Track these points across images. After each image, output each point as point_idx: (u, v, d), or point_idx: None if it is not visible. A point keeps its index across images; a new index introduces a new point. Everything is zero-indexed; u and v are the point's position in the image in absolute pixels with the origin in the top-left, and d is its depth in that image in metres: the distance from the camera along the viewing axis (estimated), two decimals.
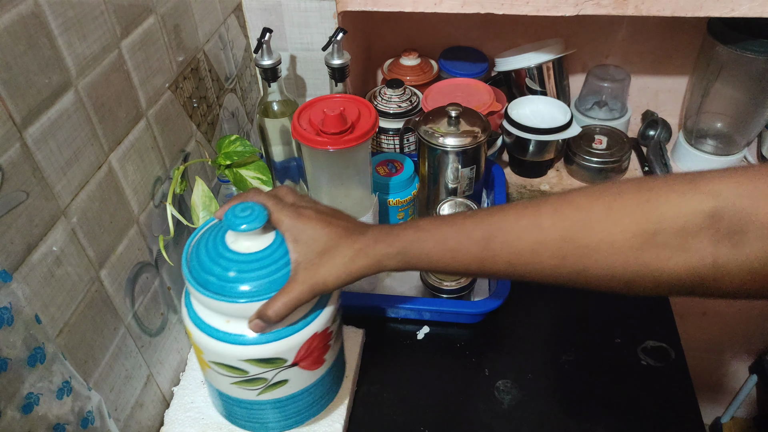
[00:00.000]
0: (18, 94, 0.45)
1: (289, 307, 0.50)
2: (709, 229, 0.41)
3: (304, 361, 0.55)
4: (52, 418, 0.49)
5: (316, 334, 0.54)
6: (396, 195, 0.82)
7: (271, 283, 0.51)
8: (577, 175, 1.05)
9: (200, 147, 0.76)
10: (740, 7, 0.77)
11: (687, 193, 0.42)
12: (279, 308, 0.50)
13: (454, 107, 0.82)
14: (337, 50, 0.81)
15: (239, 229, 0.50)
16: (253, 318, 0.51)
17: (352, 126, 0.66)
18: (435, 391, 0.73)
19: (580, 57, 1.13)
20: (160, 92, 0.66)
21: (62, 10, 0.49)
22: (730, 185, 0.41)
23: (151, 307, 0.66)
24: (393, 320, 0.82)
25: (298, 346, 0.53)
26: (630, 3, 0.79)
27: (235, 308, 0.51)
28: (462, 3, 0.82)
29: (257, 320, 0.51)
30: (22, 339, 0.46)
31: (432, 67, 1.11)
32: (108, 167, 0.57)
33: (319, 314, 0.55)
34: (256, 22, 0.90)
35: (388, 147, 1.00)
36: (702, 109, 1.01)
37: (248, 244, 0.52)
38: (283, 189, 0.57)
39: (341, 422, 0.67)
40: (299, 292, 0.50)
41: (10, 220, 0.45)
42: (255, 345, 0.52)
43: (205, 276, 0.52)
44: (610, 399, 0.72)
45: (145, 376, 0.66)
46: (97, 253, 0.56)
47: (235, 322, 0.52)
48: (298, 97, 0.98)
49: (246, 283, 0.51)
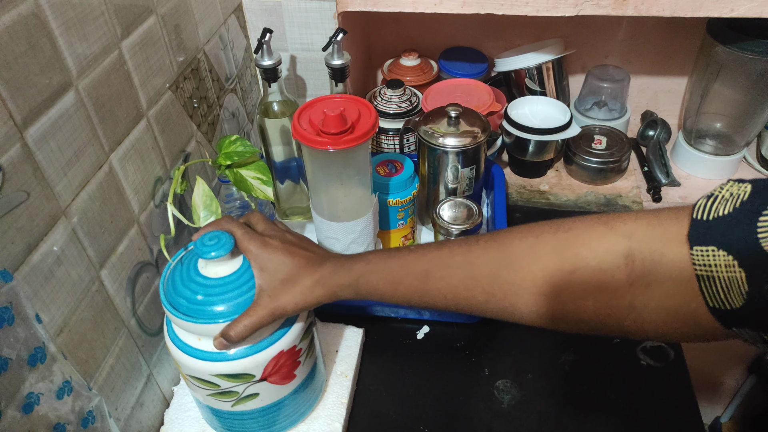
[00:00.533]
0: (18, 94, 0.45)
1: (249, 329, 0.53)
2: (624, 270, 0.43)
3: (272, 377, 0.59)
4: (53, 418, 0.49)
5: (282, 352, 0.58)
6: (396, 195, 0.82)
7: (236, 306, 0.54)
8: (576, 175, 1.05)
9: (201, 147, 0.76)
10: (740, 7, 0.77)
11: (603, 234, 0.45)
12: (240, 330, 0.53)
13: (453, 107, 0.82)
14: (337, 50, 0.81)
15: (206, 256, 0.54)
16: (217, 337, 0.54)
17: (352, 126, 0.66)
18: (435, 390, 0.73)
19: (580, 57, 1.13)
20: (161, 92, 0.66)
21: (63, 10, 0.49)
22: (642, 227, 0.43)
23: (151, 307, 0.66)
24: (393, 320, 0.82)
25: (265, 363, 0.57)
26: (629, 3, 0.79)
27: (203, 328, 0.55)
28: (462, 3, 0.82)
29: (221, 339, 0.54)
30: (23, 339, 0.46)
31: (432, 67, 1.11)
32: (108, 167, 0.57)
33: (286, 333, 0.58)
34: (257, 23, 0.90)
35: (388, 147, 1.00)
36: (701, 110, 1.02)
37: (216, 269, 0.56)
38: (255, 216, 0.61)
39: (341, 422, 0.67)
40: (260, 317, 0.54)
41: (11, 220, 0.45)
42: (224, 361, 0.56)
43: (177, 298, 0.55)
44: (610, 399, 0.72)
45: (146, 375, 0.66)
46: (97, 253, 0.56)
47: (206, 340, 0.56)
48: (299, 97, 0.98)
49: (213, 305, 0.55)
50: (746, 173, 1.05)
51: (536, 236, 0.48)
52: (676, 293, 0.41)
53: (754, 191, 0.38)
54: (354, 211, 0.75)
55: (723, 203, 0.39)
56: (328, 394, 0.70)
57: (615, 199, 1.01)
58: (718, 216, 0.39)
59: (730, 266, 0.37)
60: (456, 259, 0.51)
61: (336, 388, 0.71)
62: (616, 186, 1.04)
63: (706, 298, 0.39)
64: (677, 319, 0.42)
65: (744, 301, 0.37)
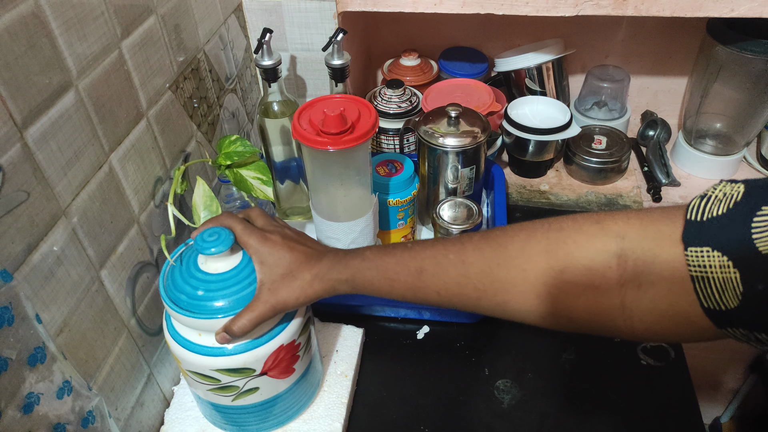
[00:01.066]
0: (19, 94, 0.45)
1: (252, 323, 0.54)
2: (615, 270, 0.43)
3: (272, 371, 0.59)
4: (53, 418, 0.49)
5: (282, 346, 0.58)
6: (396, 195, 0.82)
7: (236, 301, 0.55)
8: (576, 175, 1.05)
9: (201, 147, 0.76)
10: (740, 7, 0.77)
11: (595, 234, 0.45)
12: (243, 324, 0.54)
13: (453, 107, 0.82)
14: (337, 50, 0.81)
15: (206, 252, 0.55)
16: (219, 331, 0.55)
17: (352, 126, 0.66)
18: (435, 390, 0.73)
19: (580, 57, 1.13)
20: (161, 92, 0.66)
21: (63, 10, 0.49)
22: (634, 227, 0.43)
23: (151, 307, 0.66)
24: (393, 320, 0.82)
25: (265, 357, 0.58)
26: (629, 3, 0.79)
27: (204, 323, 0.55)
28: (462, 3, 0.82)
29: (223, 333, 0.55)
30: (23, 339, 0.46)
31: (432, 67, 1.11)
32: (108, 167, 0.57)
33: (286, 327, 0.59)
34: (257, 23, 0.90)
35: (388, 147, 1.00)
36: (701, 110, 1.02)
37: (217, 265, 0.56)
38: (254, 212, 0.61)
39: (341, 422, 0.67)
40: (261, 311, 0.54)
41: (11, 220, 0.45)
42: (225, 356, 0.56)
43: (177, 294, 0.56)
44: (610, 399, 0.72)
45: (146, 375, 0.66)
46: (97, 253, 0.56)
47: (206, 336, 0.57)
48: (299, 97, 0.98)
49: (213, 300, 0.55)
50: (746, 173, 1.05)
51: (528, 235, 0.48)
52: (668, 294, 0.41)
53: (747, 191, 0.39)
54: (354, 211, 0.75)
55: (717, 204, 0.39)
56: (328, 393, 0.70)
57: (616, 199, 1.01)
58: (712, 216, 0.39)
59: (724, 267, 0.37)
60: (449, 257, 0.51)
61: (336, 388, 0.71)
62: (617, 186, 1.04)
63: (700, 299, 0.39)
64: (669, 320, 0.42)
65: (738, 301, 0.37)
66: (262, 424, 0.65)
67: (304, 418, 0.68)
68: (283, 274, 0.55)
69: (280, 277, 0.55)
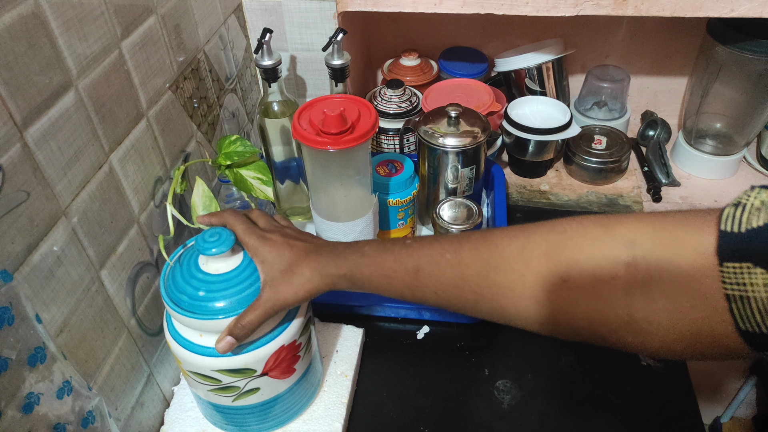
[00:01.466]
0: (19, 94, 0.45)
1: (255, 323, 0.54)
2: (622, 279, 0.40)
3: (273, 371, 0.59)
4: (53, 418, 0.49)
5: (283, 347, 0.59)
6: (396, 195, 0.82)
7: (238, 302, 0.55)
8: (576, 175, 1.05)
9: (200, 147, 0.76)
10: (740, 7, 0.77)
11: (600, 238, 0.42)
12: (247, 323, 0.54)
13: (453, 107, 0.82)
14: (337, 50, 0.81)
15: (207, 253, 0.55)
16: (221, 338, 0.55)
17: (352, 126, 0.66)
18: (435, 390, 0.73)
19: (580, 57, 1.13)
20: (161, 92, 0.66)
21: (63, 10, 0.49)
22: (645, 233, 0.40)
23: (151, 307, 0.66)
24: (393, 320, 0.82)
25: (266, 357, 0.58)
26: (629, 3, 0.79)
27: (205, 324, 0.55)
28: (462, 3, 0.82)
29: (226, 339, 0.54)
30: (23, 339, 0.46)
31: (432, 67, 1.11)
32: (108, 167, 0.57)
33: (286, 328, 0.59)
34: (257, 23, 0.90)
35: (388, 147, 1.00)
36: (701, 110, 1.02)
37: (218, 265, 0.56)
38: (254, 213, 0.62)
39: (341, 422, 0.67)
40: (264, 309, 0.54)
41: (11, 220, 0.45)
42: (226, 357, 0.56)
43: (179, 295, 0.56)
44: (610, 399, 0.72)
45: (146, 375, 0.66)
46: (97, 253, 0.56)
47: (208, 336, 0.57)
48: (299, 97, 0.98)
49: (214, 301, 0.55)
50: (746, 173, 1.05)
51: (528, 237, 0.46)
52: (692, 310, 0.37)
53: None
54: (354, 211, 0.75)
55: (755, 213, 0.35)
56: (328, 393, 0.70)
57: (616, 199, 1.01)
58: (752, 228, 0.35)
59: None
60: (446, 257, 0.49)
61: (336, 388, 0.71)
62: (617, 186, 1.04)
63: (736, 320, 0.35)
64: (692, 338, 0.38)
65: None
66: (263, 424, 0.65)
67: (305, 418, 0.68)
68: (283, 271, 0.55)
69: (280, 273, 0.55)
